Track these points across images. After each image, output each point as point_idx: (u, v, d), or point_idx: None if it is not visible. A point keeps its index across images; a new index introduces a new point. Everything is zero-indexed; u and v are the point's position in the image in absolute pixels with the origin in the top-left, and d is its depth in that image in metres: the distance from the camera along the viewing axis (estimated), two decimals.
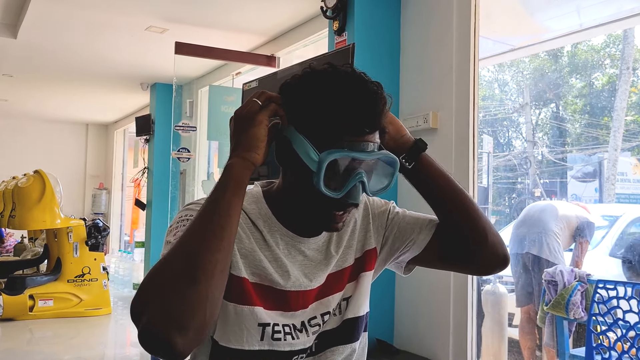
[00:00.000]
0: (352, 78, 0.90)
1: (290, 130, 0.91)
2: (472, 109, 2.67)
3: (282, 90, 0.95)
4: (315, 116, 0.89)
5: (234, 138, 0.93)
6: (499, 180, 6.99)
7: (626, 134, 6.39)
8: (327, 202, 0.91)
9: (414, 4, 2.98)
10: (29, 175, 5.59)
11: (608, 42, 6.99)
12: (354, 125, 0.88)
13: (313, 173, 0.88)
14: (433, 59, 2.85)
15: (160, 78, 5.92)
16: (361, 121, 0.89)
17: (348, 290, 1.05)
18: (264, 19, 3.96)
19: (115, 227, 8.81)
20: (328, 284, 1.02)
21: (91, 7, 3.86)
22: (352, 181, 0.89)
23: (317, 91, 0.90)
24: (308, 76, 0.93)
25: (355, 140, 0.89)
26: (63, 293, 5.30)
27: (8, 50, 4.88)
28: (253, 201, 1.00)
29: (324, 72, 0.92)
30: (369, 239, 1.08)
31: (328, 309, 1.01)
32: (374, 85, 0.91)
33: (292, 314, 0.98)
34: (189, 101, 5.62)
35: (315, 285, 1.01)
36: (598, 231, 4.55)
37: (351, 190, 0.90)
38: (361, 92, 0.89)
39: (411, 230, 1.07)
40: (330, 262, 1.02)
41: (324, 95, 0.89)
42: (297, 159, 0.90)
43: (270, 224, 0.98)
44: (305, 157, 0.89)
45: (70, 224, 5.46)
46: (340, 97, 0.89)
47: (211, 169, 5.51)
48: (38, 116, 8.62)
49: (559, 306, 2.45)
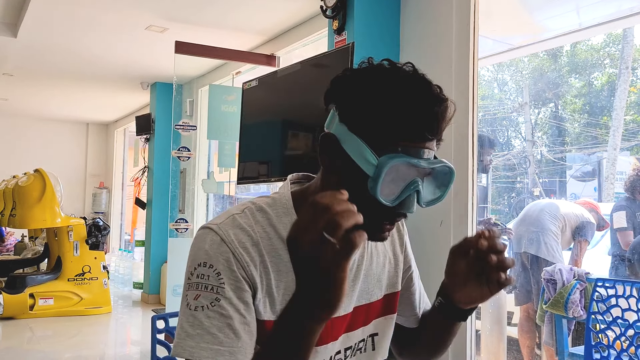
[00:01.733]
0: (415, 78, 0.82)
1: (342, 128, 0.82)
2: (472, 109, 2.68)
3: (334, 84, 0.85)
4: (373, 116, 0.80)
5: (312, 284, 0.69)
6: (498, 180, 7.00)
7: (625, 133, 6.40)
8: (377, 211, 0.82)
9: (414, 3, 2.99)
10: (29, 174, 5.60)
11: (607, 42, 7.00)
12: (416, 129, 0.80)
13: (369, 178, 0.79)
14: (432, 58, 2.86)
15: (161, 77, 5.92)
16: (424, 126, 0.80)
17: (376, 326, 0.99)
18: (263, 19, 3.97)
19: (115, 226, 8.82)
20: (355, 316, 0.96)
21: (91, 7, 3.86)
22: (407, 190, 0.81)
23: (376, 89, 0.81)
24: (366, 71, 0.83)
25: (414, 146, 0.80)
26: (63, 292, 5.31)
27: (8, 49, 4.89)
28: (283, 213, 0.89)
29: (384, 69, 0.83)
30: (399, 280, 1.04)
31: (351, 343, 0.95)
32: (438, 87, 0.82)
33: (324, 348, 0.90)
34: (189, 100, 5.63)
35: (342, 313, 0.92)
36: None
37: (405, 200, 0.82)
38: (426, 94, 0.80)
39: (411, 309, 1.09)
40: (357, 287, 0.96)
41: (384, 94, 0.80)
42: (347, 161, 0.82)
43: None
44: (360, 160, 0.80)
45: (71, 223, 5.47)
46: (403, 97, 0.80)
47: (211, 167, 5.52)
48: (38, 115, 8.63)
49: (558, 305, 2.46)
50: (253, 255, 0.85)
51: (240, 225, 0.86)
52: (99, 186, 9.13)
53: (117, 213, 8.95)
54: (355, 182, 0.81)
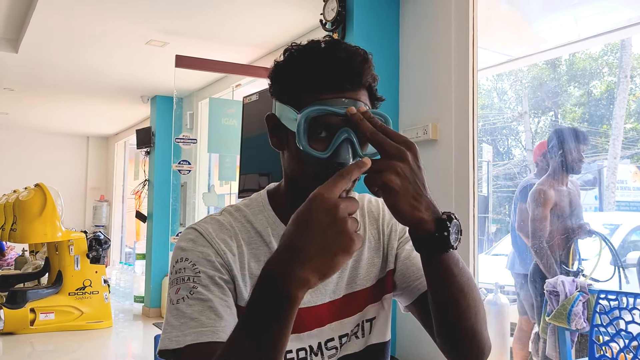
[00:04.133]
0: (328, 41, 0.88)
1: (276, 104, 0.89)
2: (472, 120, 2.69)
3: (269, 74, 0.92)
4: (293, 80, 0.86)
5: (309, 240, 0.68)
6: (499, 189, 6.99)
7: (625, 141, 6.41)
8: (317, 170, 0.82)
9: (413, 16, 3.00)
10: (30, 188, 5.60)
11: (606, 50, 7.02)
12: (332, 81, 0.84)
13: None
14: (432, 70, 2.87)
15: (161, 90, 5.94)
16: (339, 75, 0.84)
17: (370, 311, 0.98)
18: (263, 32, 3.99)
19: (116, 239, 8.81)
20: (347, 303, 0.96)
21: (92, 22, 3.89)
22: (337, 139, 0.82)
23: (294, 57, 0.88)
24: (288, 50, 0.90)
25: (333, 97, 0.83)
26: (64, 306, 5.29)
27: (9, 64, 4.91)
28: (259, 211, 0.95)
29: (303, 44, 0.90)
30: (391, 258, 1.01)
31: (346, 330, 0.96)
32: (354, 46, 0.87)
33: (307, 335, 0.92)
34: (189, 113, 5.64)
35: (327, 299, 0.94)
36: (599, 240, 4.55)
37: (339, 150, 0.81)
38: (337, 48, 0.85)
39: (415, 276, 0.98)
40: (346, 273, 0.96)
41: (300, 59, 0.87)
42: (285, 133, 0.88)
43: (279, 232, 0.92)
44: (287, 122, 0.85)
45: (72, 237, 5.46)
46: (317, 56, 0.86)
47: (212, 181, 5.52)
48: (39, 129, 8.65)
49: (561, 317, 2.45)
50: (230, 244, 0.90)
51: (219, 222, 0.92)
52: (99, 199, 9.13)
53: (118, 226, 8.95)
54: (292, 148, 0.86)
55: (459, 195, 2.69)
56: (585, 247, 3.28)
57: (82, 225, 8.79)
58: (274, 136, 0.91)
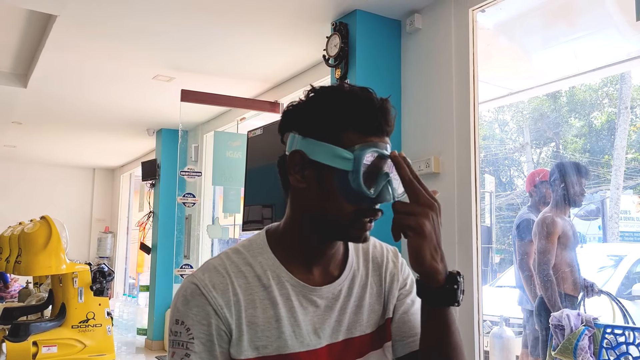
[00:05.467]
0: (355, 86, 0.92)
1: (307, 141, 0.89)
2: (474, 153, 2.72)
3: (289, 111, 0.94)
4: (336, 118, 0.88)
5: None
6: (502, 220, 6.99)
7: (627, 171, 6.42)
8: (357, 206, 0.88)
9: (414, 51, 3.07)
10: (35, 220, 5.61)
11: (605, 82, 7.09)
12: (377, 124, 0.89)
13: (348, 174, 0.86)
14: (434, 104, 2.92)
15: (166, 124, 6.02)
16: (382, 120, 0.90)
17: (372, 359, 0.98)
18: (267, 66, 4.06)
19: (120, 271, 8.79)
20: (346, 348, 0.95)
21: (101, 58, 3.97)
22: (382, 179, 0.88)
23: (329, 98, 0.91)
24: (315, 91, 0.93)
25: (375, 140, 0.88)
26: (67, 339, 5.25)
27: (18, 98, 4.99)
28: (258, 253, 0.94)
29: (330, 86, 0.93)
30: (390, 307, 1.02)
31: None
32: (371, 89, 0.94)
33: None
34: (194, 146, 5.70)
35: (325, 342, 0.93)
36: (604, 271, 4.53)
37: (382, 190, 0.88)
38: (372, 93, 0.91)
39: (409, 333, 0.99)
40: (346, 317, 0.96)
41: (342, 99, 0.90)
42: (319, 168, 0.88)
43: (279, 274, 0.93)
44: (335, 160, 0.86)
45: (76, 269, 5.45)
46: (359, 98, 0.89)
47: (216, 213, 5.54)
48: (46, 161, 8.72)
49: (567, 351, 2.43)
50: (227, 295, 0.90)
51: (215, 269, 0.92)
52: (104, 231, 9.14)
53: (122, 257, 8.94)
54: (331, 184, 0.88)
55: (462, 226, 2.70)
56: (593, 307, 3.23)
57: (86, 257, 8.78)
58: (297, 173, 0.91)
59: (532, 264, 3.46)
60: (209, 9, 3.09)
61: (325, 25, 3.21)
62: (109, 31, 3.47)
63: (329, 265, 0.98)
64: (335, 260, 0.98)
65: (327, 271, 0.97)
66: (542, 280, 3.27)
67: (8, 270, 5.75)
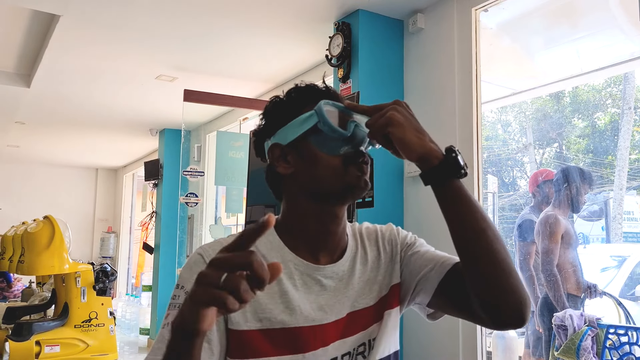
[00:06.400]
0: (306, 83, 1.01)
1: (277, 134, 0.97)
2: (477, 154, 2.72)
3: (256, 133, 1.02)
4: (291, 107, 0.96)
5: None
6: (505, 220, 6.98)
7: (631, 172, 6.40)
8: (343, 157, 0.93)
9: (417, 51, 3.07)
10: (38, 220, 5.63)
11: (609, 82, 7.07)
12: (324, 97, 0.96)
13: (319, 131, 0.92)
14: (436, 104, 2.91)
15: (169, 124, 6.02)
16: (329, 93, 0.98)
17: (374, 330, 0.99)
18: (269, 67, 4.07)
19: (122, 271, 8.80)
20: (351, 322, 0.97)
21: (103, 58, 3.98)
22: (349, 124, 0.93)
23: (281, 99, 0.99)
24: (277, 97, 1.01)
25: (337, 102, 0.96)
26: (70, 339, 5.26)
27: (21, 99, 5.00)
28: (265, 236, 0.96)
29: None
30: (395, 273, 1.03)
31: (348, 349, 0.96)
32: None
33: (312, 354, 0.92)
34: (197, 146, 5.71)
35: (332, 319, 0.95)
36: (607, 272, 4.52)
37: (356, 132, 0.93)
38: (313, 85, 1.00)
39: (425, 266, 0.99)
40: (350, 293, 0.97)
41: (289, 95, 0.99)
42: (296, 144, 0.94)
43: (284, 255, 0.95)
44: (302, 126, 0.93)
45: (79, 269, 5.47)
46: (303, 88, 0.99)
47: (219, 213, 5.54)
48: (49, 161, 8.74)
49: (570, 352, 2.43)
50: None
51: (221, 243, 0.94)
52: (107, 231, 9.16)
53: (125, 257, 8.95)
54: (312, 149, 0.93)
55: None
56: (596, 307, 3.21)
57: (89, 257, 8.80)
58: (281, 161, 0.96)
59: (532, 265, 3.45)
60: (212, 9, 3.10)
61: (327, 25, 3.22)
62: (112, 31, 3.47)
63: (334, 252, 1.00)
64: (339, 247, 1.01)
65: (332, 258, 1.00)
66: (547, 279, 3.26)
67: (11, 270, 5.77)
